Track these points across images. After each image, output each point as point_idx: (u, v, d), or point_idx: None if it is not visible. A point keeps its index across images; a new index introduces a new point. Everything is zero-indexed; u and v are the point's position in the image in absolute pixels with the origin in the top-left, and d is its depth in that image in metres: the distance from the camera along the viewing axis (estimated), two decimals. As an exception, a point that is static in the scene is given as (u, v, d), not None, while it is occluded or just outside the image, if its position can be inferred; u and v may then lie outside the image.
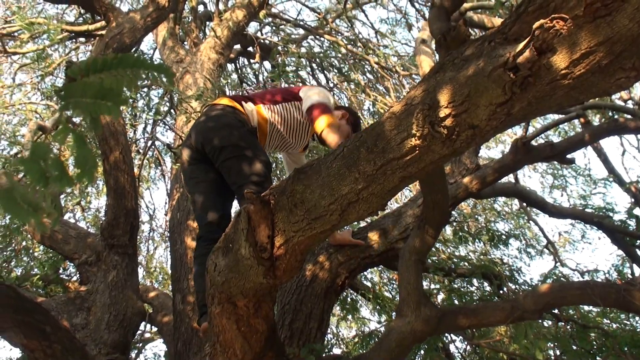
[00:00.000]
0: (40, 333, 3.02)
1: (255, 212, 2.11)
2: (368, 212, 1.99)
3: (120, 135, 4.27)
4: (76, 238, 4.60)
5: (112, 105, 0.88)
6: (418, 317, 2.81)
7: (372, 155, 1.83)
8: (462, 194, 4.26)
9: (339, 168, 1.92)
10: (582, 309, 5.76)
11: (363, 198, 1.91)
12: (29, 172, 0.92)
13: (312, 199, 1.99)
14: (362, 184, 1.88)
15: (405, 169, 1.81)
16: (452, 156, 1.83)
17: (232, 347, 2.62)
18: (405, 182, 1.89)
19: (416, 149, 1.76)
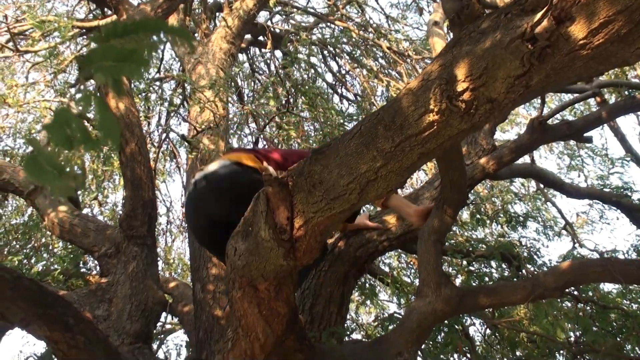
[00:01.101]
0: (63, 325, 3.03)
1: (274, 194, 2.11)
2: (387, 190, 1.98)
3: (135, 127, 4.28)
4: (95, 231, 4.62)
5: (134, 66, 0.87)
6: (439, 297, 2.81)
7: (389, 132, 1.82)
8: (478, 175, 4.24)
9: (356, 147, 1.91)
10: (602, 290, 5.74)
11: (382, 176, 1.91)
12: (54, 136, 0.92)
13: (331, 179, 1.99)
14: (381, 161, 1.87)
15: (424, 145, 1.80)
16: (471, 131, 1.82)
17: (254, 331, 2.63)
18: (423, 159, 1.88)
19: (434, 124, 1.75)
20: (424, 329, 2.81)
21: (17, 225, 7.68)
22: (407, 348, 2.75)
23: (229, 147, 5.14)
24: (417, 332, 2.79)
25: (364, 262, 4.21)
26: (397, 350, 2.75)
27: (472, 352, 5.65)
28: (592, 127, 4.21)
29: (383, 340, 2.89)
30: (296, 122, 6.15)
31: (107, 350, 3.26)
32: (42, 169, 0.93)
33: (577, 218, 8.15)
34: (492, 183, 7.55)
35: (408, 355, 2.74)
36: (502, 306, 2.94)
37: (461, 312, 3.19)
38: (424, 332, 2.83)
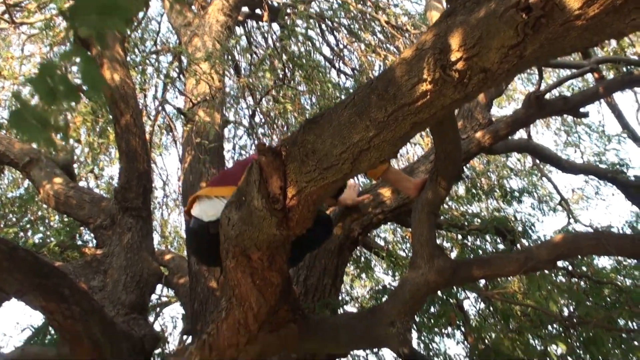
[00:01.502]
0: (58, 296, 3.04)
1: (267, 164, 2.11)
2: (380, 159, 1.98)
3: (130, 99, 4.26)
4: (90, 203, 4.63)
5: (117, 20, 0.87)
6: (432, 269, 2.82)
7: (383, 101, 1.82)
8: (474, 149, 4.24)
9: (349, 116, 1.91)
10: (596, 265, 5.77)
11: (375, 145, 1.91)
12: (37, 89, 0.92)
13: (324, 149, 1.99)
14: (374, 131, 1.87)
15: (417, 114, 1.80)
16: (464, 101, 1.81)
17: (248, 300, 2.65)
18: (416, 129, 1.88)
19: (427, 94, 1.75)
20: (416, 300, 2.83)
21: (13, 198, 7.68)
22: (399, 318, 2.77)
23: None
24: (410, 303, 2.81)
25: (358, 235, 4.22)
26: (390, 320, 2.77)
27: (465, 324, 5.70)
28: (588, 102, 4.21)
29: (376, 311, 2.90)
30: (293, 96, 6.13)
31: (102, 321, 3.28)
32: (27, 122, 0.93)
33: (572, 194, 8.18)
34: (488, 158, 7.56)
35: (401, 325, 2.76)
36: (495, 278, 2.95)
37: (454, 284, 3.21)
38: (416, 303, 2.84)
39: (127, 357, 3.38)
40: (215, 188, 3.24)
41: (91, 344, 3.18)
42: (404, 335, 2.76)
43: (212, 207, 3.03)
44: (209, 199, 3.22)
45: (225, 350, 2.82)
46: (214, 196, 3.13)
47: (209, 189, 3.30)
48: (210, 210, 3.17)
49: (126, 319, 3.81)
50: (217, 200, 3.00)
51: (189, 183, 5.24)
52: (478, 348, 3.74)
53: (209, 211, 3.14)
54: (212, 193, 3.22)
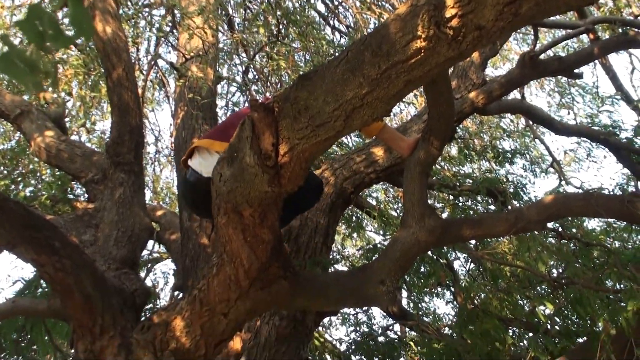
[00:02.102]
0: (49, 248, 3.03)
1: (259, 120, 2.10)
2: (372, 117, 1.97)
3: (122, 52, 4.20)
4: (82, 157, 4.59)
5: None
6: (422, 228, 2.83)
7: (376, 58, 1.80)
8: (467, 109, 4.23)
9: (342, 73, 1.89)
10: (586, 227, 5.81)
11: (367, 103, 1.90)
12: (26, 32, 0.91)
13: (316, 106, 1.98)
14: (367, 88, 1.86)
15: (410, 72, 1.79)
16: (458, 59, 1.80)
17: (239, 256, 2.66)
18: (409, 87, 1.86)
19: (421, 51, 1.73)
20: (407, 259, 2.85)
21: (4, 151, 7.63)
22: (389, 276, 2.78)
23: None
24: (400, 262, 2.82)
25: (350, 194, 4.24)
26: (380, 278, 2.79)
27: (455, 284, 5.76)
28: (583, 63, 4.18)
29: (366, 268, 2.92)
30: (286, 52, 6.07)
31: (93, 275, 3.28)
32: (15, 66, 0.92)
33: (565, 156, 8.19)
34: (481, 119, 7.54)
35: (390, 283, 2.78)
36: (486, 238, 2.97)
37: (445, 243, 3.23)
38: (407, 262, 2.86)
39: (118, 311, 3.39)
40: (217, 142, 3.18)
41: (82, 298, 3.18)
42: (393, 293, 2.78)
43: (212, 163, 2.99)
44: (209, 153, 3.18)
45: (216, 305, 2.84)
46: (215, 151, 3.09)
47: (211, 141, 3.22)
48: (210, 167, 3.15)
49: (117, 273, 3.81)
50: (217, 157, 2.96)
51: (182, 139, 5.23)
52: (467, 308, 3.79)
53: (209, 167, 3.11)
54: (214, 147, 3.16)
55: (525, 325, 3.35)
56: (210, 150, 3.10)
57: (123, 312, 3.43)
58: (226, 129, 3.20)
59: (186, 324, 2.90)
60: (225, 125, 3.36)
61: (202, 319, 2.88)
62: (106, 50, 4.16)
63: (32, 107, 5.05)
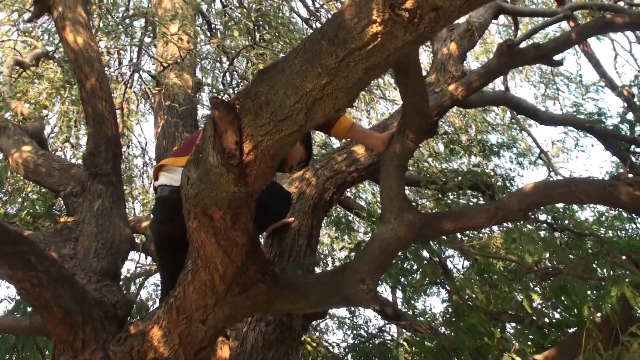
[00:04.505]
0: (25, 263, 2.98)
1: (221, 118, 2.03)
2: (335, 109, 1.91)
3: (94, 62, 4.13)
4: (60, 170, 4.52)
5: None
6: (401, 223, 2.76)
7: (333, 47, 1.74)
8: (447, 102, 4.18)
9: (301, 64, 1.83)
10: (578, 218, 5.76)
11: (328, 94, 1.83)
12: None
13: (277, 100, 1.92)
14: (326, 78, 1.79)
15: (369, 59, 1.72)
16: (418, 43, 1.73)
17: (213, 261, 2.59)
18: (370, 75, 1.80)
19: (378, 36, 1.67)
20: (386, 256, 2.78)
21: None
22: (369, 274, 2.71)
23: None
24: (380, 259, 2.75)
25: (333, 194, 4.17)
26: (360, 277, 2.72)
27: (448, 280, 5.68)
28: (561, 49, 4.12)
29: (346, 267, 2.85)
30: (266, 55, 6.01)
31: (72, 288, 3.22)
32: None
33: (552, 146, 8.14)
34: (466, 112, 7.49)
35: (371, 282, 2.71)
36: (467, 230, 2.91)
37: (425, 238, 3.17)
38: (386, 259, 2.79)
39: (99, 324, 3.32)
40: (179, 158, 3.20)
41: (61, 312, 3.14)
42: (374, 292, 2.71)
43: (178, 174, 2.96)
44: (174, 168, 3.18)
45: (193, 313, 2.77)
46: (179, 166, 3.08)
47: (173, 159, 3.26)
48: (177, 176, 3.13)
49: (98, 286, 3.74)
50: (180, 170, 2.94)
51: (162, 147, 5.18)
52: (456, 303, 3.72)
53: (176, 177, 3.09)
54: (177, 163, 3.18)
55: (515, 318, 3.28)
56: (174, 167, 3.09)
57: (104, 325, 3.36)
58: (190, 144, 3.19)
59: (163, 333, 2.84)
60: (190, 141, 3.36)
61: (180, 327, 2.81)
62: (78, 61, 4.09)
63: (8, 122, 4.98)
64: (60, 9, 4.12)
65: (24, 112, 5.44)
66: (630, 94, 5.77)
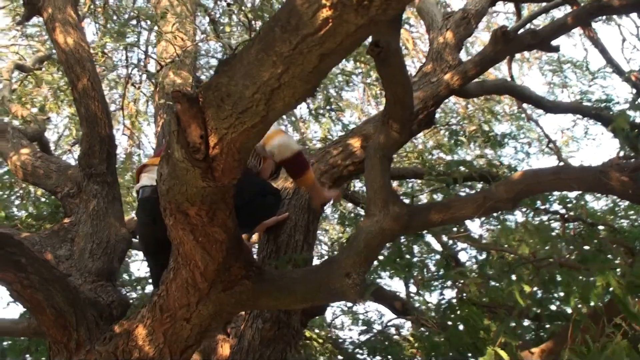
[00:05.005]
0: (14, 265, 2.96)
1: (184, 112, 1.98)
2: (295, 98, 1.85)
3: (86, 62, 4.11)
4: (57, 172, 4.52)
5: None
6: (387, 216, 2.70)
7: (286, 34, 1.68)
8: (443, 91, 4.10)
9: (257, 53, 1.78)
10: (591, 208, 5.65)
11: (285, 83, 1.78)
12: None
13: (237, 91, 1.87)
14: (281, 67, 1.74)
15: (322, 45, 1.67)
16: (372, 27, 1.67)
17: (193, 258, 2.56)
18: (326, 61, 1.74)
19: (329, 20, 1.61)
20: (371, 249, 2.72)
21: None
22: (354, 269, 2.65)
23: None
24: (365, 252, 2.69)
25: (329, 188, 4.11)
26: (345, 271, 2.66)
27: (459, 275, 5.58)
28: (558, 34, 4.01)
29: (332, 262, 2.80)
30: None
31: (64, 289, 3.20)
32: None
33: (561, 135, 8.01)
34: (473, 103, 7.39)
35: (356, 276, 2.65)
36: (454, 221, 2.83)
37: (412, 230, 3.10)
38: (372, 252, 2.73)
39: (94, 324, 3.30)
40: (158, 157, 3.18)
41: (54, 313, 3.12)
42: (360, 286, 2.65)
43: None
44: (153, 170, 3.16)
45: (177, 311, 2.74)
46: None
47: (154, 159, 3.25)
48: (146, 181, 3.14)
49: (93, 286, 3.73)
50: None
51: (162, 146, 5.15)
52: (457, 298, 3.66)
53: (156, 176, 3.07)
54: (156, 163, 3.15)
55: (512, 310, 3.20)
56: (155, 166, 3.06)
57: (99, 325, 3.34)
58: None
59: (148, 332, 2.81)
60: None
61: (164, 325, 2.78)
62: (69, 62, 4.08)
63: (7, 126, 4.99)
64: (50, 10, 4.11)
65: (24, 115, 5.45)
66: (638, 79, 5.64)
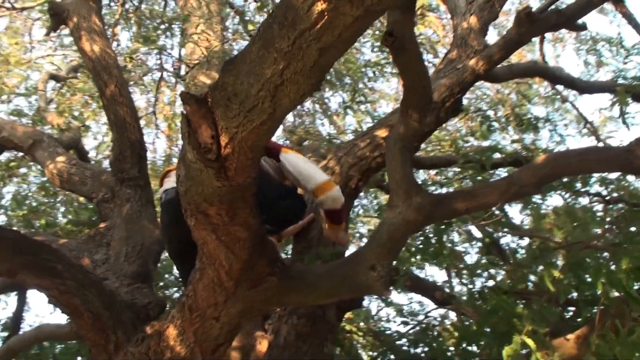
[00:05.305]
0: (51, 272, 3.02)
1: (193, 113, 2.00)
2: (300, 94, 1.85)
3: (112, 68, 4.18)
4: (91, 178, 4.60)
5: None
6: (409, 207, 2.67)
7: (284, 30, 1.68)
8: (469, 77, 4.04)
9: (258, 51, 1.78)
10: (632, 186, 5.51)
11: (288, 79, 1.78)
12: None
13: (243, 90, 1.87)
14: (282, 63, 1.74)
15: (320, 39, 1.66)
16: (369, 17, 1.66)
17: (217, 258, 2.57)
18: (326, 56, 1.73)
19: (324, 13, 1.60)
20: (395, 241, 2.69)
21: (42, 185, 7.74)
22: (379, 261, 2.64)
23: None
24: (389, 244, 2.67)
25: (358, 181, 4.10)
26: (370, 264, 2.65)
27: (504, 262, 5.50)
28: (584, 12, 3.91)
29: (356, 256, 2.79)
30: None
31: (100, 293, 3.27)
32: None
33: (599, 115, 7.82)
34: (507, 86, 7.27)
35: (381, 269, 2.64)
36: (479, 209, 2.78)
37: (436, 220, 3.06)
38: (395, 244, 2.71)
39: (130, 326, 3.36)
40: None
41: (91, 317, 3.19)
42: (385, 278, 2.64)
43: None
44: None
45: (205, 310, 2.77)
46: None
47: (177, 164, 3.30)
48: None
49: (129, 289, 3.79)
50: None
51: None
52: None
53: None
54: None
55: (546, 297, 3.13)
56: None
57: (136, 327, 3.39)
58: None
59: (179, 332, 2.85)
60: None
61: (194, 325, 2.81)
62: (96, 69, 4.16)
63: (43, 136, 5.10)
64: (75, 19, 4.19)
65: (60, 124, 5.57)
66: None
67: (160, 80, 6.74)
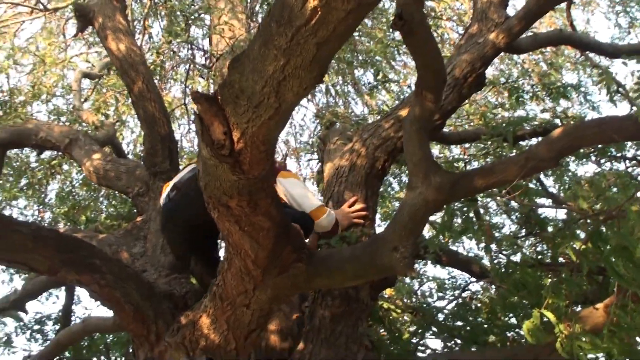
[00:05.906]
0: (89, 267, 3.13)
1: (204, 111, 2.07)
2: (303, 88, 1.90)
3: (139, 65, 4.29)
4: (126, 173, 4.74)
5: None
6: (429, 187, 2.70)
7: (281, 27, 1.73)
8: (490, 51, 4.02)
9: (259, 48, 1.84)
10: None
11: (290, 74, 1.83)
12: None
13: (249, 86, 1.93)
14: (282, 59, 1.79)
15: (316, 34, 1.71)
16: (362, 10, 1.69)
17: (243, 248, 2.65)
18: (325, 50, 1.78)
19: (317, 9, 1.64)
20: (416, 221, 2.73)
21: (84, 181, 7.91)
22: (401, 242, 2.68)
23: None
24: (410, 225, 2.71)
25: (384, 162, 4.13)
26: (392, 245, 2.70)
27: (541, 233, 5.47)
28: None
29: (378, 238, 2.84)
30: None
31: (139, 285, 3.38)
32: None
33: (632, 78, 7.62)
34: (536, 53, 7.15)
35: (404, 249, 2.68)
36: (499, 186, 2.79)
37: (457, 199, 3.06)
38: (417, 225, 2.74)
39: (170, 316, 3.47)
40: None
41: (132, 309, 3.29)
42: (408, 258, 2.68)
43: None
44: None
45: (235, 298, 2.85)
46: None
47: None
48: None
49: (167, 280, 3.90)
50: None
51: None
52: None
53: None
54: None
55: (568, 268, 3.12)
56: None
57: (175, 317, 3.50)
58: None
59: (212, 320, 2.94)
60: None
61: (226, 313, 2.90)
62: (123, 67, 4.27)
63: (79, 134, 5.24)
64: (100, 19, 4.30)
65: (94, 122, 5.71)
66: None
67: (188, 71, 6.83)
